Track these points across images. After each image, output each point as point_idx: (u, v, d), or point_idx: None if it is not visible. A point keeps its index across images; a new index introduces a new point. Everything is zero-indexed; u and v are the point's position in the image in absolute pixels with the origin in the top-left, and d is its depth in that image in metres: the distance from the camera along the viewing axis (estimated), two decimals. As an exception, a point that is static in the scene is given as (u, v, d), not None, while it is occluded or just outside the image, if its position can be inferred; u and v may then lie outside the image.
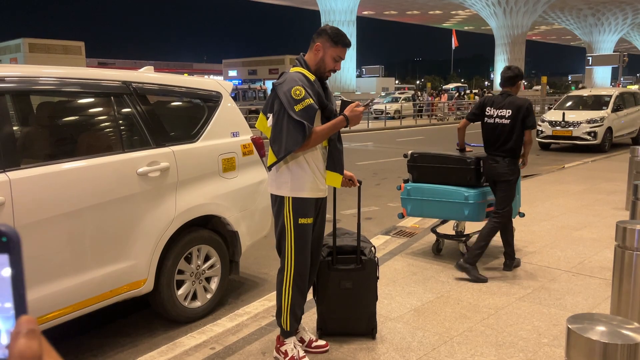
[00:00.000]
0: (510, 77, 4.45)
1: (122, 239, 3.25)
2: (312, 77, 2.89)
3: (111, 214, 3.17)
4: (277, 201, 2.96)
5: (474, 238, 5.15)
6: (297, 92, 2.76)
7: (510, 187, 4.38)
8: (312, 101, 2.78)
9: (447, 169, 4.66)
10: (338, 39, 2.91)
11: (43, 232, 2.86)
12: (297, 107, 2.74)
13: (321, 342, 3.19)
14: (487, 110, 4.49)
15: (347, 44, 2.95)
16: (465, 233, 5.09)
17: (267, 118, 2.95)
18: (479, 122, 4.59)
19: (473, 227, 5.16)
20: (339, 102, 3.06)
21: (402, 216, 5.06)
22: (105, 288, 3.17)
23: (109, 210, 3.16)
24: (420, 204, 4.81)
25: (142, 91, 3.53)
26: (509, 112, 4.34)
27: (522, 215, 5.09)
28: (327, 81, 3.09)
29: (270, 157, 2.89)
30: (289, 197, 2.90)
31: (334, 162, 2.97)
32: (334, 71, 2.99)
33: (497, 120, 4.41)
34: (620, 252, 2.73)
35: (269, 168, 2.96)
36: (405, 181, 4.94)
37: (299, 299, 3.00)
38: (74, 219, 3.00)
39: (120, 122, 3.41)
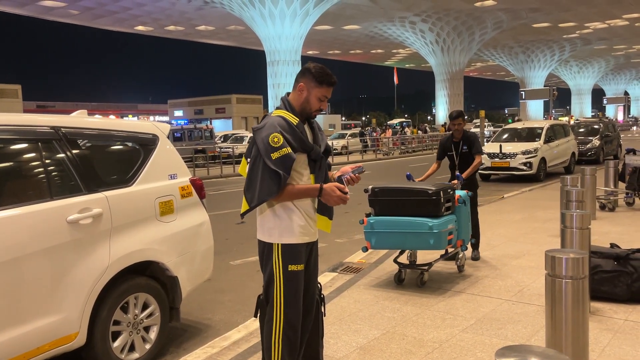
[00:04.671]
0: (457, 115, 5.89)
1: (50, 291, 3.07)
2: (294, 121, 2.74)
3: (37, 266, 3.01)
4: (266, 247, 2.79)
5: (436, 266, 5.36)
6: (275, 140, 2.63)
7: None
8: (289, 151, 2.65)
9: (409, 201, 4.79)
10: (322, 79, 2.75)
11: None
12: (274, 155, 2.62)
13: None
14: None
15: (332, 83, 2.79)
16: (418, 263, 5.22)
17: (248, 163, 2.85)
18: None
19: (424, 256, 5.24)
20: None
21: (366, 249, 5.17)
22: (31, 345, 2.97)
23: (34, 261, 2.99)
24: (385, 236, 4.88)
25: (73, 136, 3.43)
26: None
27: (473, 242, 5.28)
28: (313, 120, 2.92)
29: (244, 206, 2.76)
30: (278, 244, 2.75)
31: (323, 205, 2.82)
32: (321, 110, 2.84)
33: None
34: (550, 280, 2.82)
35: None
36: (368, 215, 5.01)
37: (290, 353, 2.76)
38: (-4, 272, 2.82)
39: (49, 168, 3.28)
